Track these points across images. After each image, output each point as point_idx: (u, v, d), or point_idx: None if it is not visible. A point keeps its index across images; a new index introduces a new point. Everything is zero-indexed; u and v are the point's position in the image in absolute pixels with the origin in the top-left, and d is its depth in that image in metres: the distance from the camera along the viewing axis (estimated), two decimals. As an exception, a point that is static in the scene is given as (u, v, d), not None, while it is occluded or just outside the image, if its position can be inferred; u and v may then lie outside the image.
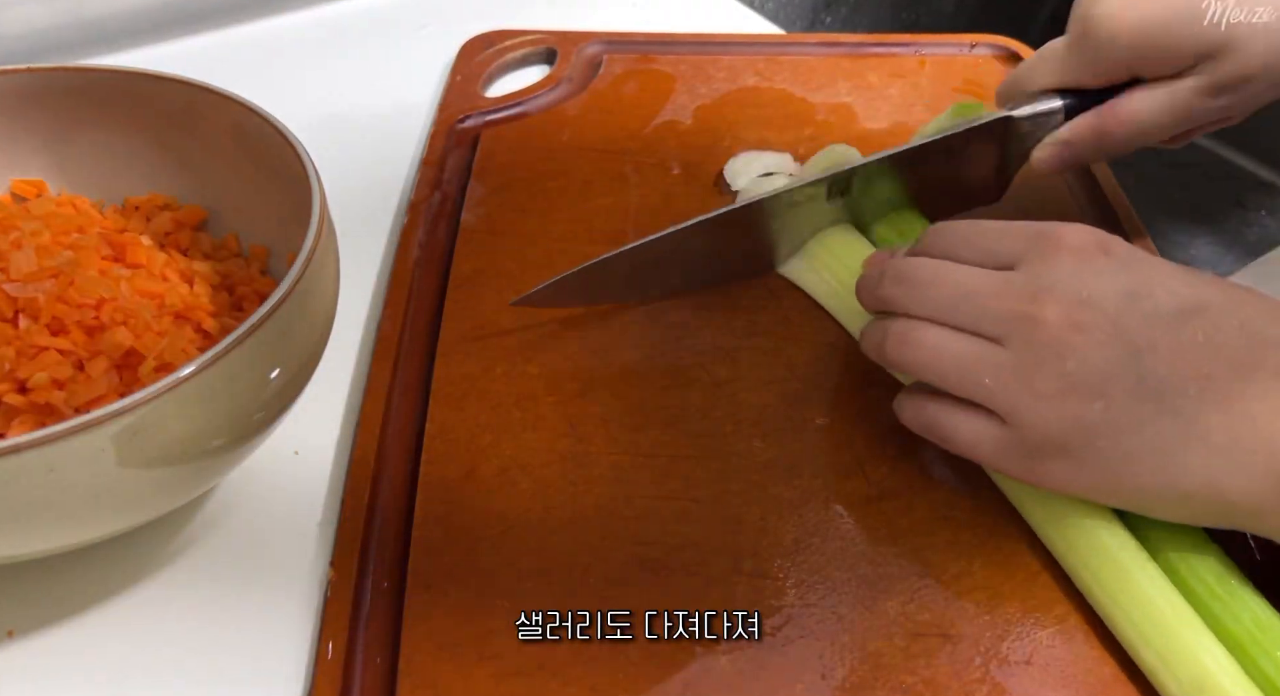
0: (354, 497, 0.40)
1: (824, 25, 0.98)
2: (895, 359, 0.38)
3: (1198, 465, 0.33)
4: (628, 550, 0.38)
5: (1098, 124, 0.45)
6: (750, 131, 0.58)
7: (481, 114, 0.60)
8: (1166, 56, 0.43)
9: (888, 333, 0.38)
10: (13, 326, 0.36)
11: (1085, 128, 0.46)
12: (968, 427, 0.37)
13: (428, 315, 0.48)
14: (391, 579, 0.38)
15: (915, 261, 0.39)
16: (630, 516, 0.39)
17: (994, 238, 0.38)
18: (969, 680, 0.35)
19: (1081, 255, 0.36)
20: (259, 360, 0.34)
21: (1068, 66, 0.46)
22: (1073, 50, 0.45)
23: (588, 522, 0.39)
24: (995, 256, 0.37)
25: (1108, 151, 0.47)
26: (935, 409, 0.38)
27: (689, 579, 0.37)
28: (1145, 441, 0.33)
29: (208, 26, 0.71)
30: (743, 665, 0.35)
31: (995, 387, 0.35)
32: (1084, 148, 0.46)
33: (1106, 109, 0.45)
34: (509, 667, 0.35)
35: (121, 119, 0.45)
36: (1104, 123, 0.45)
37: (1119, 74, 0.45)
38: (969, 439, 0.37)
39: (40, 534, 0.33)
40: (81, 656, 0.36)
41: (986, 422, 0.36)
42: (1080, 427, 0.34)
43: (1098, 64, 0.45)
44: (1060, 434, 0.34)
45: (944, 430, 0.37)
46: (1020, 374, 0.35)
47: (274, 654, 0.37)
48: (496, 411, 0.43)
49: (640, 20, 0.71)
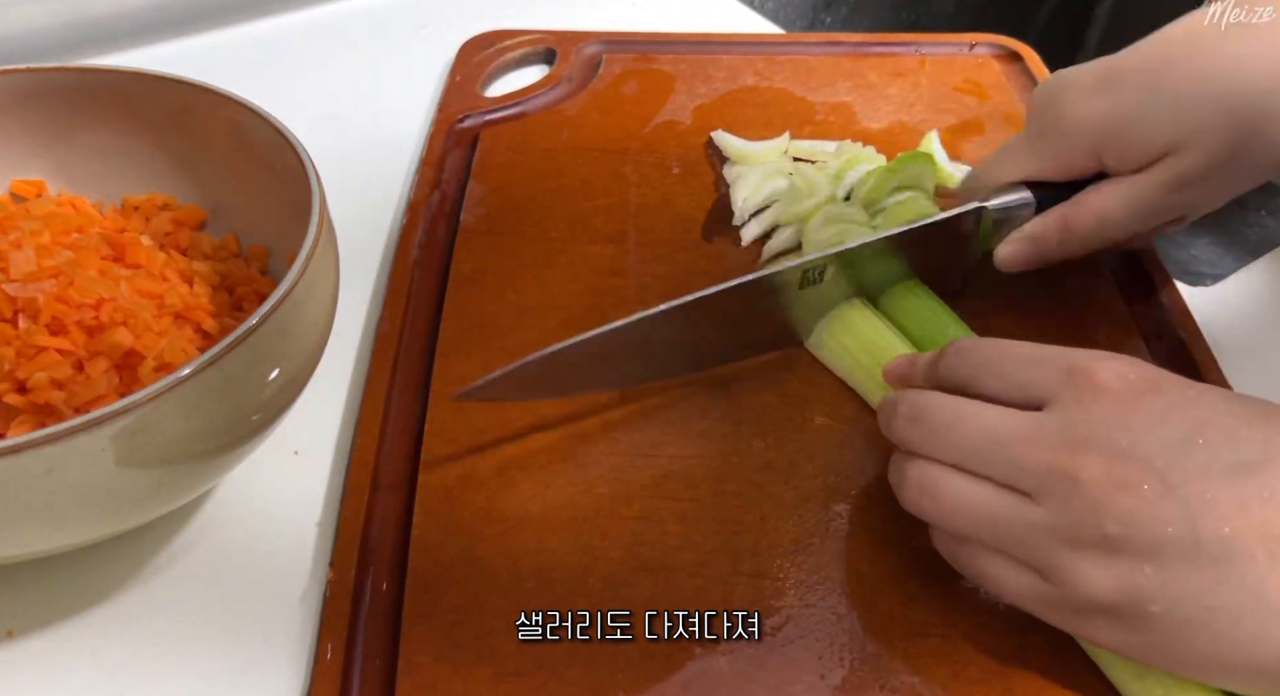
0: (353, 498, 0.40)
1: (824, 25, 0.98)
2: (915, 510, 0.35)
3: (1272, 635, 0.29)
4: (627, 550, 0.38)
5: (1062, 220, 0.44)
6: (750, 131, 0.58)
7: (481, 114, 0.60)
8: (1134, 148, 0.42)
9: (905, 477, 0.35)
10: (13, 326, 0.36)
11: (1051, 224, 0.44)
12: (1006, 577, 0.33)
13: (427, 315, 0.48)
14: (390, 579, 0.38)
15: (932, 400, 0.35)
16: (630, 516, 0.39)
17: (1023, 367, 0.34)
18: (969, 680, 0.35)
19: (1123, 397, 0.32)
20: (258, 360, 0.34)
21: (1032, 158, 0.44)
22: (1037, 142, 0.44)
23: (587, 523, 0.39)
24: (1024, 391, 0.34)
25: (1072, 248, 0.45)
26: (971, 553, 0.34)
27: (689, 579, 0.37)
28: (1208, 609, 0.30)
29: (208, 26, 0.71)
30: (742, 665, 0.35)
31: (1032, 548, 0.32)
32: (1049, 244, 0.45)
33: (1072, 205, 0.44)
34: (508, 668, 0.35)
35: (121, 119, 0.45)
36: (1068, 218, 0.44)
37: (1085, 166, 0.43)
38: (1009, 589, 0.33)
39: (40, 534, 0.33)
40: (81, 656, 0.36)
41: (1028, 576, 0.33)
42: (1129, 593, 0.30)
43: (1062, 155, 0.43)
44: (1107, 598, 0.31)
45: (982, 577, 0.34)
46: (1057, 534, 0.31)
47: (273, 654, 0.37)
48: (496, 412, 0.43)
49: (640, 20, 0.71)
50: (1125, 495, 0.30)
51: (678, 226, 0.53)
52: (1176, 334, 0.46)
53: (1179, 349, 0.46)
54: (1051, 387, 0.33)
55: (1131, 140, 0.42)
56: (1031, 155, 0.45)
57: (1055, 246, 0.45)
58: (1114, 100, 0.42)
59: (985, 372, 0.35)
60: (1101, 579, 0.31)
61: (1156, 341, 0.47)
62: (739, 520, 0.39)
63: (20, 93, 0.44)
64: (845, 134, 0.58)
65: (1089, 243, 0.44)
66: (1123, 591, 0.30)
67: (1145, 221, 0.44)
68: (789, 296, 0.43)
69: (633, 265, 0.50)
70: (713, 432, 0.43)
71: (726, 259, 0.51)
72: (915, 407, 0.35)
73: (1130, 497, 0.30)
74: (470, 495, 0.40)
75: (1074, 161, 0.44)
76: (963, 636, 0.36)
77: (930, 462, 0.34)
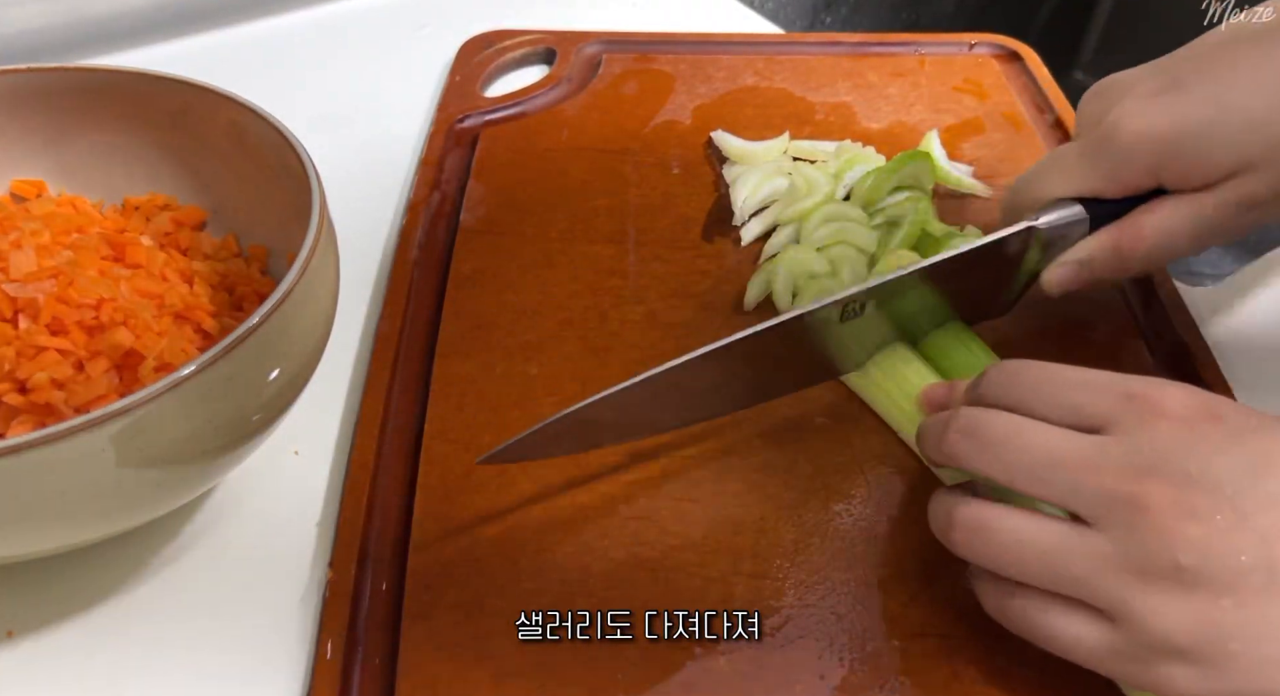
0: (353, 498, 0.40)
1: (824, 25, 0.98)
2: (966, 551, 0.33)
3: None
4: (627, 550, 0.38)
5: (1118, 242, 0.41)
6: (750, 131, 0.58)
7: (481, 114, 0.60)
8: (1198, 168, 0.39)
9: (954, 517, 0.33)
10: (13, 326, 0.36)
11: (1105, 245, 0.41)
12: (1065, 626, 0.31)
13: (427, 315, 0.48)
14: (390, 579, 0.38)
15: (988, 414, 0.33)
16: (630, 516, 0.39)
17: (1077, 391, 0.32)
18: (969, 681, 0.35)
19: (1187, 423, 0.30)
20: (258, 360, 0.34)
21: (1086, 174, 0.41)
22: (1093, 157, 0.41)
23: (587, 523, 0.39)
24: (1079, 414, 0.32)
25: (1127, 271, 0.42)
26: (1025, 602, 0.32)
27: (688, 579, 0.37)
28: None
29: (208, 26, 0.71)
30: (742, 665, 0.35)
31: (1096, 583, 0.30)
32: (1103, 266, 0.41)
33: (1127, 224, 0.40)
34: (508, 668, 0.35)
35: (121, 119, 0.45)
36: (1125, 241, 0.40)
37: (1143, 183, 0.40)
38: (1069, 639, 0.31)
39: (40, 534, 0.33)
40: (81, 656, 0.36)
41: (1088, 622, 0.31)
42: (1208, 629, 0.29)
43: (1120, 172, 0.40)
44: (1183, 636, 0.29)
45: (1036, 629, 0.32)
46: (1126, 566, 0.29)
47: (273, 654, 0.37)
48: (496, 411, 0.43)
49: (640, 20, 0.71)
50: (1196, 524, 0.29)
51: (678, 226, 0.53)
52: (1176, 334, 0.46)
53: (1179, 349, 0.46)
54: (1110, 412, 0.31)
55: (1196, 159, 0.39)
56: (1085, 170, 0.41)
57: (1110, 269, 0.42)
58: (1177, 114, 0.39)
59: (1035, 395, 0.33)
60: (1176, 614, 0.29)
61: (1156, 341, 0.47)
62: (739, 520, 0.39)
63: (20, 93, 0.44)
64: (845, 134, 0.58)
65: (1146, 265, 0.42)
66: (1200, 628, 0.29)
67: (1207, 242, 0.41)
68: (830, 331, 0.41)
69: (633, 265, 0.50)
70: (713, 433, 0.43)
71: (726, 259, 0.51)
72: (971, 421, 0.33)
73: (1202, 526, 0.29)
74: (470, 495, 0.40)
75: (1131, 179, 0.40)
76: (963, 637, 0.36)
77: (980, 502, 0.33)
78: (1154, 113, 0.39)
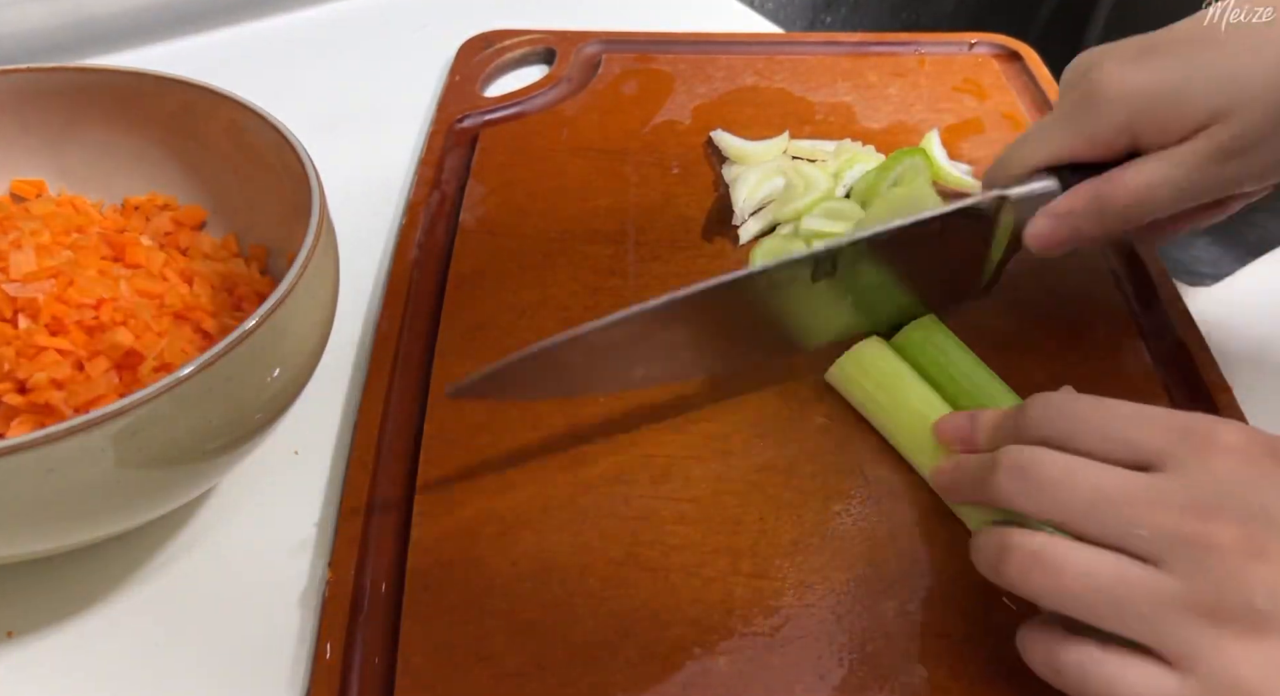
0: (352, 498, 0.40)
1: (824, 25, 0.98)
2: (1022, 586, 0.31)
3: None
4: (627, 550, 0.38)
5: (1097, 193, 0.41)
6: (750, 131, 0.58)
7: (480, 114, 0.60)
8: (1171, 121, 0.39)
9: (1009, 549, 0.31)
10: (13, 326, 0.37)
11: (1084, 197, 0.41)
12: (1127, 677, 0.29)
13: (426, 315, 0.48)
14: (390, 579, 0.38)
15: (1039, 453, 0.32)
16: (629, 516, 0.39)
17: (1129, 425, 0.31)
18: (968, 680, 0.35)
19: (1248, 458, 0.30)
20: (258, 360, 0.34)
21: (1063, 138, 0.42)
22: (1069, 119, 0.42)
23: (587, 522, 0.39)
24: (1132, 449, 0.31)
25: (1108, 226, 0.41)
26: (1080, 654, 0.30)
27: (688, 579, 0.37)
28: None
29: (208, 26, 0.71)
30: (741, 666, 0.35)
31: (1164, 625, 0.28)
32: (1082, 220, 0.41)
33: (1107, 177, 0.41)
34: (507, 668, 0.35)
35: (121, 119, 0.45)
36: (1104, 192, 0.41)
37: (1119, 143, 0.41)
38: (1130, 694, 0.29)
39: (40, 534, 0.33)
40: (81, 656, 0.37)
41: (1154, 672, 0.29)
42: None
43: (1097, 132, 0.41)
44: (1260, 684, 0.27)
45: (1092, 682, 0.30)
46: (1197, 609, 0.28)
47: (272, 654, 0.37)
48: (495, 411, 0.43)
49: (639, 20, 0.71)
50: (1267, 564, 0.28)
51: (677, 226, 0.53)
52: (1176, 334, 0.46)
53: (1179, 349, 0.46)
54: (1165, 448, 0.30)
55: (1170, 110, 0.39)
56: (1061, 133, 0.42)
57: (1091, 223, 0.41)
58: (1152, 70, 0.39)
59: (1084, 429, 0.32)
60: (1251, 661, 0.28)
61: (1156, 341, 0.47)
62: (738, 520, 0.39)
63: (20, 93, 0.44)
64: (845, 134, 0.58)
65: (1128, 219, 0.41)
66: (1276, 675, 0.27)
67: (1185, 197, 0.40)
68: (801, 290, 0.41)
69: (632, 265, 0.50)
70: (713, 433, 0.43)
71: (726, 258, 0.51)
72: (1021, 460, 0.32)
73: (1271, 567, 0.28)
74: (469, 495, 0.40)
75: (1108, 137, 0.41)
76: (962, 637, 0.36)
77: (1040, 533, 0.31)
78: (1130, 72, 0.40)
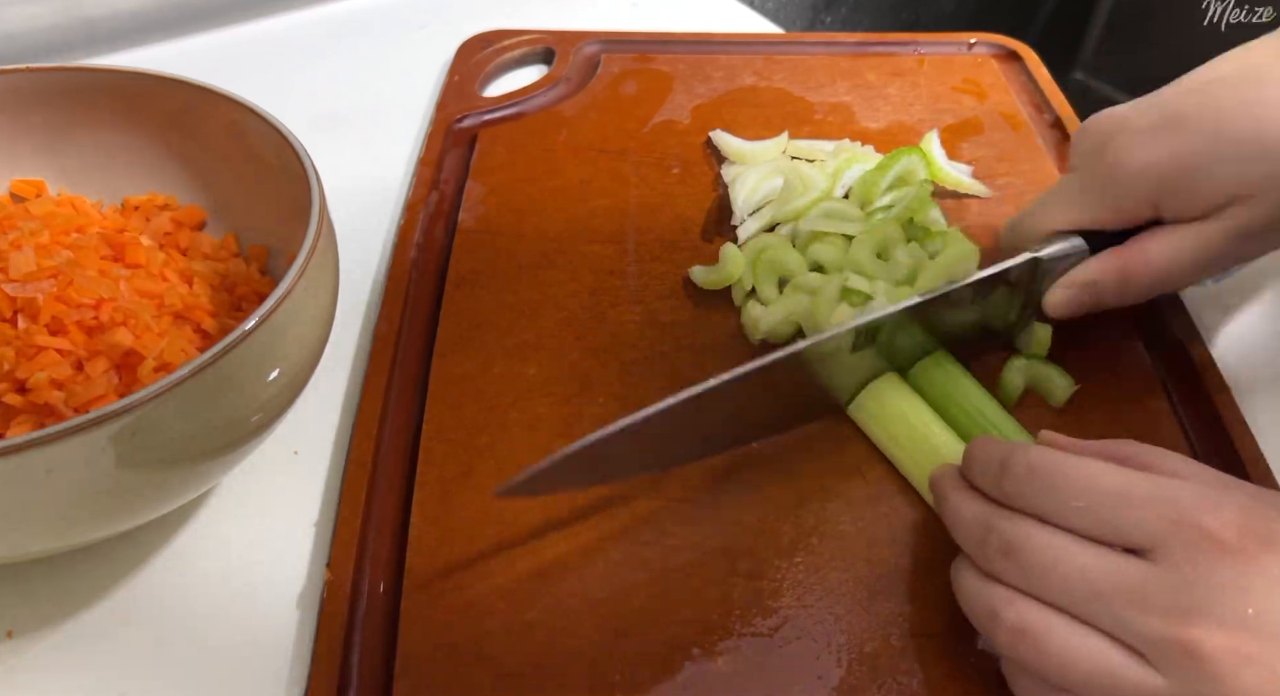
0: (350, 498, 0.40)
1: (824, 25, 0.98)
2: (1010, 654, 0.32)
3: None
4: (625, 551, 0.38)
5: (1123, 268, 0.42)
6: (749, 131, 0.58)
7: (479, 114, 0.61)
8: (1196, 198, 0.40)
9: (999, 617, 0.32)
10: (12, 326, 0.37)
11: (1110, 269, 0.42)
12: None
13: (425, 315, 0.48)
14: (388, 580, 0.38)
15: (1025, 531, 0.32)
16: (628, 517, 0.39)
17: (1118, 509, 0.31)
18: (965, 681, 0.35)
19: (1241, 555, 0.29)
20: (258, 360, 0.34)
21: (1085, 206, 0.42)
22: (1091, 191, 0.42)
23: (585, 523, 0.39)
24: (1122, 536, 0.31)
25: (1128, 296, 0.43)
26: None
27: (687, 579, 0.37)
28: None
29: (208, 26, 0.71)
30: (739, 666, 0.35)
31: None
32: (1107, 289, 0.42)
33: (1133, 250, 0.42)
34: (506, 668, 0.35)
35: (121, 119, 0.45)
36: (1129, 265, 0.42)
37: (1141, 214, 0.42)
38: None
39: (40, 534, 0.33)
40: (81, 656, 0.37)
41: None
42: None
43: (1123, 204, 0.41)
44: None
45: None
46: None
47: (272, 654, 0.37)
48: (494, 412, 0.43)
49: (639, 20, 0.71)
50: (1253, 670, 0.28)
51: (676, 226, 0.53)
52: (1176, 335, 0.46)
53: (1178, 350, 0.46)
54: (1156, 536, 0.30)
55: (1195, 190, 0.40)
56: (1084, 202, 0.43)
57: (1113, 294, 0.43)
58: (1175, 147, 0.40)
59: (1069, 509, 0.32)
60: None
61: (1156, 342, 0.47)
62: (738, 520, 0.39)
63: (20, 93, 0.44)
64: (844, 134, 0.58)
65: (1149, 291, 0.42)
66: None
67: (1206, 270, 0.42)
68: (839, 361, 0.41)
69: (631, 265, 0.50)
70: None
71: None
72: (1009, 541, 0.32)
73: (1258, 673, 0.28)
74: (468, 496, 0.40)
75: (1131, 210, 0.42)
76: (959, 637, 0.36)
77: (1028, 604, 0.31)
78: (1153, 146, 0.40)
